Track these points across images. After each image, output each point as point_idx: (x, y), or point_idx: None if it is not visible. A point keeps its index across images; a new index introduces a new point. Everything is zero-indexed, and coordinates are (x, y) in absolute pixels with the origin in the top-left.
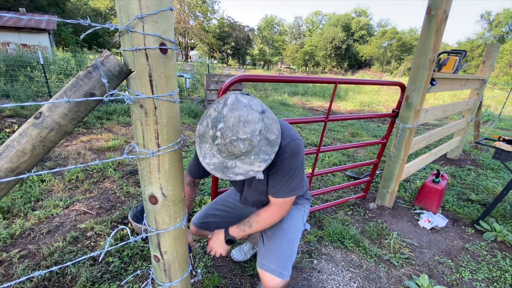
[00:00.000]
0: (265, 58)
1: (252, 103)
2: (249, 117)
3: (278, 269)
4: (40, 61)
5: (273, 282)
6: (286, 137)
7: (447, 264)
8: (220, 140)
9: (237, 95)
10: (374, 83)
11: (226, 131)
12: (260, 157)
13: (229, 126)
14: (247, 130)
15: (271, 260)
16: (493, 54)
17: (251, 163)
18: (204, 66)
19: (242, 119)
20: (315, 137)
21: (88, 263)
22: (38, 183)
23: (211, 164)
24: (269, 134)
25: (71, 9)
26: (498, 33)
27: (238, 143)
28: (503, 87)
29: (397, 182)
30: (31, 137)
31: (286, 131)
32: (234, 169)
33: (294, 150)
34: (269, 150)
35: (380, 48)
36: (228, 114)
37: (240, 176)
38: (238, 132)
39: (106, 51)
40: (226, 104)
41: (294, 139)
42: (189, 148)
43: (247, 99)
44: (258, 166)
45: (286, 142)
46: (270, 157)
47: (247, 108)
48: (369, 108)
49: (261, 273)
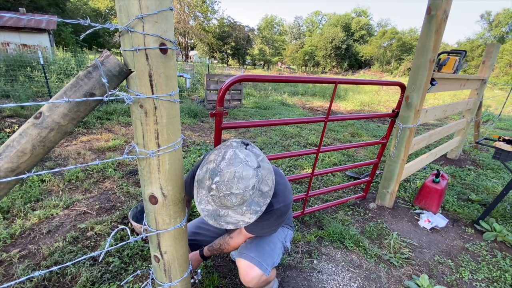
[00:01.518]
0: (265, 58)
1: (248, 158)
2: (243, 173)
3: (257, 257)
4: (40, 61)
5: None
6: (281, 200)
7: (447, 264)
8: (215, 192)
9: (235, 150)
10: (374, 83)
11: (221, 185)
12: (251, 209)
13: (224, 180)
14: (241, 186)
15: (250, 250)
16: (493, 54)
17: (242, 214)
18: (204, 66)
19: (237, 175)
20: (315, 137)
21: (88, 263)
22: (38, 183)
23: (205, 211)
24: (263, 186)
25: (71, 9)
26: (498, 33)
27: (231, 197)
28: (503, 87)
29: (397, 182)
30: (31, 137)
31: (282, 194)
32: (226, 218)
33: (283, 212)
34: (261, 201)
35: (380, 48)
36: (225, 169)
37: (231, 225)
38: (231, 187)
39: (106, 51)
40: (224, 158)
41: (286, 204)
42: (189, 148)
43: (244, 154)
44: (248, 217)
45: (280, 206)
46: (261, 209)
47: (243, 165)
48: (369, 108)
49: (239, 262)
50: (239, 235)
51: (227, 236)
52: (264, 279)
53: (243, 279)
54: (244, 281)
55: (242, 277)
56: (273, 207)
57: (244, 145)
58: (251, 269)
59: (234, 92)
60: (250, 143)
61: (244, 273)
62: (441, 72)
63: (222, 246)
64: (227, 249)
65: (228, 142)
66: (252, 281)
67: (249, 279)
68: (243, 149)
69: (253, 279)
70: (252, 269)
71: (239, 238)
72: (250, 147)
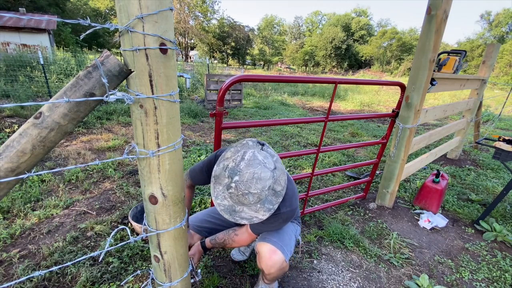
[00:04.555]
0: (265, 58)
1: (266, 160)
2: (262, 174)
3: (279, 242)
4: (40, 61)
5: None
6: (288, 205)
7: (447, 264)
8: (234, 191)
9: (254, 152)
10: (374, 83)
11: (240, 185)
12: (265, 206)
13: (243, 180)
14: (258, 186)
15: (272, 235)
16: (493, 54)
17: (256, 211)
18: (204, 66)
19: (256, 176)
20: (315, 137)
21: (88, 263)
22: (38, 183)
23: (222, 205)
24: (276, 186)
25: (71, 9)
26: (498, 33)
27: (249, 196)
28: (503, 87)
29: (397, 182)
30: (31, 137)
31: (289, 199)
32: (241, 214)
33: (289, 217)
34: (274, 200)
35: (380, 48)
36: (244, 169)
37: (245, 220)
38: (250, 187)
39: (106, 51)
40: (243, 158)
41: (293, 209)
42: (189, 148)
43: (262, 155)
44: (262, 214)
45: (286, 210)
46: (274, 207)
47: (262, 166)
48: (369, 108)
49: (261, 247)
50: (244, 234)
51: (232, 232)
52: (284, 266)
53: (265, 263)
54: (266, 265)
55: (264, 261)
56: (280, 211)
57: (260, 145)
58: (275, 253)
59: (234, 92)
60: (265, 143)
61: (267, 257)
62: (441, 72)
63: (226, 241)
64: (230, 244)
65: (244, 141)
66: (275, 266)
67: (272, 263)
68: (260, 149)
69: (276, 263)
70: (275, 252)
71: (244, 236)
72: (266, 147)
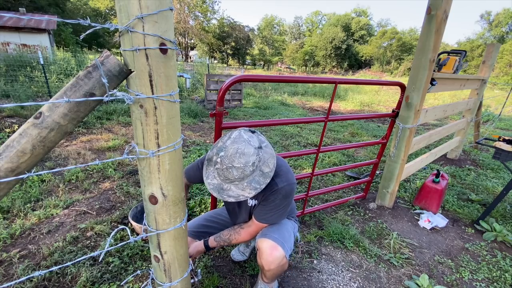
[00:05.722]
0: (265, 58)
1: (251, 139)
2: (245, 150)
3: (280, 238)
4: (40, 61)
5: (276, 251)
6: (285, 180)
7: (447, 264)
8: (219, 165)
9: (240, 131)
10: (374, 83)
11: (225, 159)
12: (251, 185)
13: (227, 155)
14: (241, 161)
15: (273, 231)
16: (493, 54)
17: (243, 189)
18: (204, 66)
19: (239, 151)
20: (315, 137)
21: (88, 263)
22: (38, 183)
23: (211, 184)
24: (264, 167)
25: (71, 9)
26: (498, 33)
27: (233, 170)
28: (503, 87)
29: (397, 182)
30: (31, 137)
31: (285, 174)
32: (228, 192)
33: (288, 192)
34: (261, 180)
35: (380, 48)
36: (229, 145)
37: (232, 198)
38: (233, 161)
39: (106, 51)
40: (230, 137)
41: (290, 184)
42: (189, 148)
43: (248, 135)
44: (248, 192)
45: (284, 185)
46: (261, 187)
47: (246, 143)
48: (369, 108)
49: (262, 243)
50: (251, 226)
51: (238, 227)
52: (284, 262)
53: (266, 259)
54: (266, 261)
55: (265, 257)
56: (277, 186)
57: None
58: (275, 249)
59: (234, 92)
60: (256, 131)
61: (268, 253)
62: (441, 72)
63: (232, 236)
64: (236, 239)
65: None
66: (275, 262)
67: (272, 259)
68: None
69: (276, 259)
70: (276, 248)
71: (251, 229)
72: (257, 134)
